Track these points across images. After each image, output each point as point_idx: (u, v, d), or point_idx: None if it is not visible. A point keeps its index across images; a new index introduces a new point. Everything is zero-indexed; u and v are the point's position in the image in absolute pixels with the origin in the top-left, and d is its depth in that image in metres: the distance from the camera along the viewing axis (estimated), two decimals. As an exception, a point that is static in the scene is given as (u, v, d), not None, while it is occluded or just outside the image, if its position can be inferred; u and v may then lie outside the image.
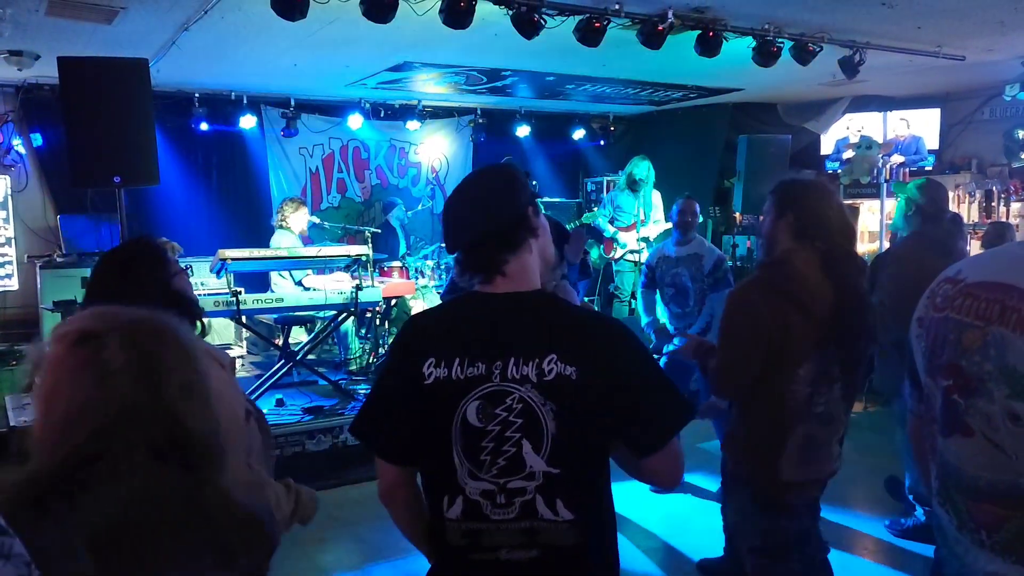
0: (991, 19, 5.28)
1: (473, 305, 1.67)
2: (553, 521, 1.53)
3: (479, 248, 1.64)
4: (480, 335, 1.59)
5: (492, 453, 1.53)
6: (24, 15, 4.77)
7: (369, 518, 4.61)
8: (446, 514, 1.58)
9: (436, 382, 1.56)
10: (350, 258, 6.01)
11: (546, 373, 1.52)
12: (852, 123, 8.69)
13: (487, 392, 1.54)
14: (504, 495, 1.53)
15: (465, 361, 1.55)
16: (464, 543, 1.57)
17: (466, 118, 9.35)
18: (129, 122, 4.62)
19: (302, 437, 5.23)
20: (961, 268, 1.55)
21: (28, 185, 7.30)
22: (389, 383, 1.71)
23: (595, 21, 4.85)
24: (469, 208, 1.67)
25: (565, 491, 1.54)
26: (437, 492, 1.59)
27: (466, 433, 1.54)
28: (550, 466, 1.52)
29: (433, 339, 1.62)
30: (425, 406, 1.57)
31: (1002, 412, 1.36)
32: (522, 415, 1.52)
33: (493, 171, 1.75)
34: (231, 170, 8.31)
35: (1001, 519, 1.41)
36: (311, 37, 5.36)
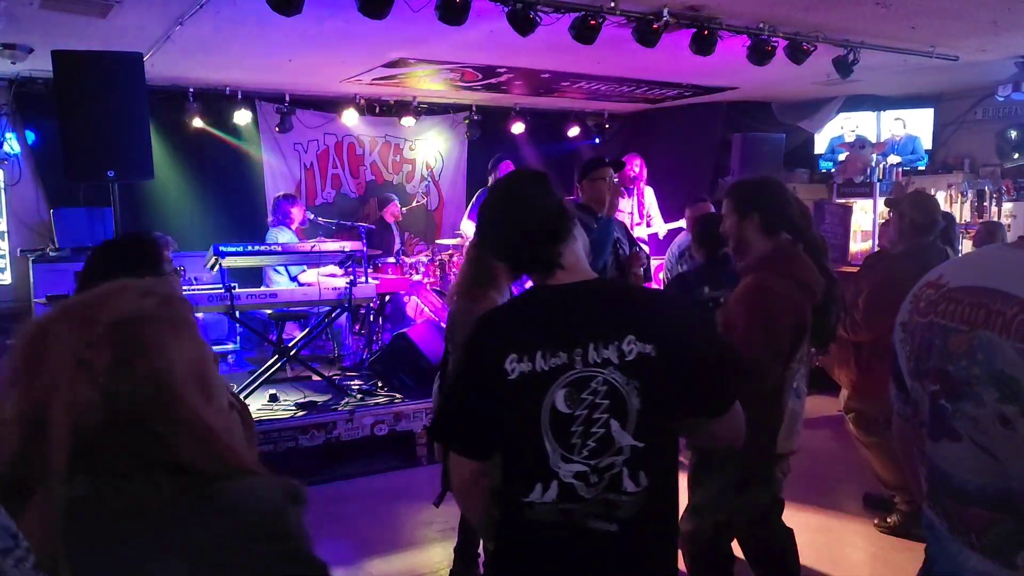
0: (984, 19, 5.30)
1: (542, 298, 1.76)
2: (632, 493, 1.63)
3: (529, 246, 1.74)
4: (556, 325, 1.67)
5: (582, 436, 1.62)
6: (18, 8, 4.75)
7: (362, 513, 4.62)
8: (540, 499, 1.64)
9: (521, 376, 1.62)
10: (344, 252, 6.02)
11: (626, 354, 1.62)
12: (846, 122, 8.72)
13: (572, 379, 1.62)
14: (596, 474, 1.62)
15: (547, 352, 1.63)
16: (560, 520, 1.65)
17: (461, 115, 9.34)
18: (123, 116, 4.62)
19: (295, 432, 5.23)
20: (943, 272, 1.56)
21: (21, 179, 7.28)
22: (468, 383, 1.76)
23: (590, 19, 4.85)
24: (512, 209, 1.78)
25: (648, 462, 1.65)
26: (527, 480, 1.65)
27: (555, 420, 1.62)
28: (636, 440, 1.63)
29: (510, 335, 1.69)
30: (511, 401, 1.64)
31: (992, 416, 1.37)
32: (608, 396, 1.62)
33: (524, 173, 1.89)
34: (225, 165, 8.28)
35: (989, 522, 1.42)
36: (306, 32, 5.35)
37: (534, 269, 1.76)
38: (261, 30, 5.33)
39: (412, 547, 4.26)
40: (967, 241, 6.52)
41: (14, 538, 0.85)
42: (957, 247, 4.84)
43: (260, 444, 4.98)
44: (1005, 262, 1.50)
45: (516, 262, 1.79)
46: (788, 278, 2.63)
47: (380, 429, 5.43)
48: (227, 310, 5.45)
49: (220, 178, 8.22)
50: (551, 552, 1.69)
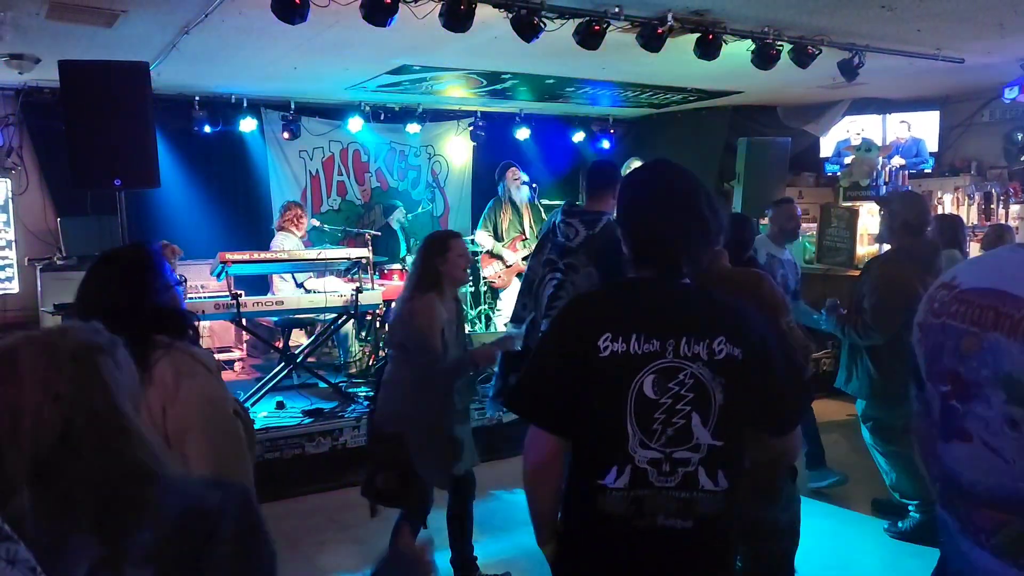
0: (990, 21, 5.29)
1: (643, 289, 1.82)
2: (712, 491, 1.67)
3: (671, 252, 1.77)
4: (654, 315, 1.72)
5: (663, 424, 1.65)
6: (25, 19, 4.77)
7: (368, 520, 4.60)
8: (613, 484, 1.67)
9: (612, 355, 1.67)
10: (350, 260, 6.02)
11: (716, 352, 1.67)
12: (852, 125, 8.70)
13: (661, 367, 1.66)
14: (669, 464, 1.65)
15: (642, 337, 1.67)
16: (629, 511, 1.67)
17: (466, 121, 9.35)
18: (129, 125, 4.63)
19: (302, 440, 5.23)
20: (956, 273, 1.55)
21: (28, 188, 7.31)
22: (555, 356, 1.78)
23: (595, 24, 4.85)
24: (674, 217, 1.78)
25: (726, 462, 1.68)
26: (603, 462, 1.67)
27: (640, 404, 1.66)
28: (715, 438, 1.66)
29: (607, 316, 1.73)
30: (599, 378, 1.68)
31: (1000, 418, 1.37)
32: (693, 390, 1.66)
33: (691, 183, 1.83)
34: (231, 173, 8.30)
35: (999, 523, 1.42)
36: (311, 40, 5.36)
37: (657, 269, 1.79)
38: (266, 39, 5.35)
39: (419, 554, 4.24)
40: (975, 244, 6.49)
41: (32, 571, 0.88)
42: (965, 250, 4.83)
43: (266, 451, 4.99)
44: (1015, 264, 1.49)
45: (643, 256, 1.81)
46: None
47: (387, 436, 5.42)
48: (233, 317, 5.46)
49: (226, 186, 8.24)
50: (621, 548, 1.70)
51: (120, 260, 2.12)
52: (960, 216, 6.51)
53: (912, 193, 4.31)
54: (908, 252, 4.06)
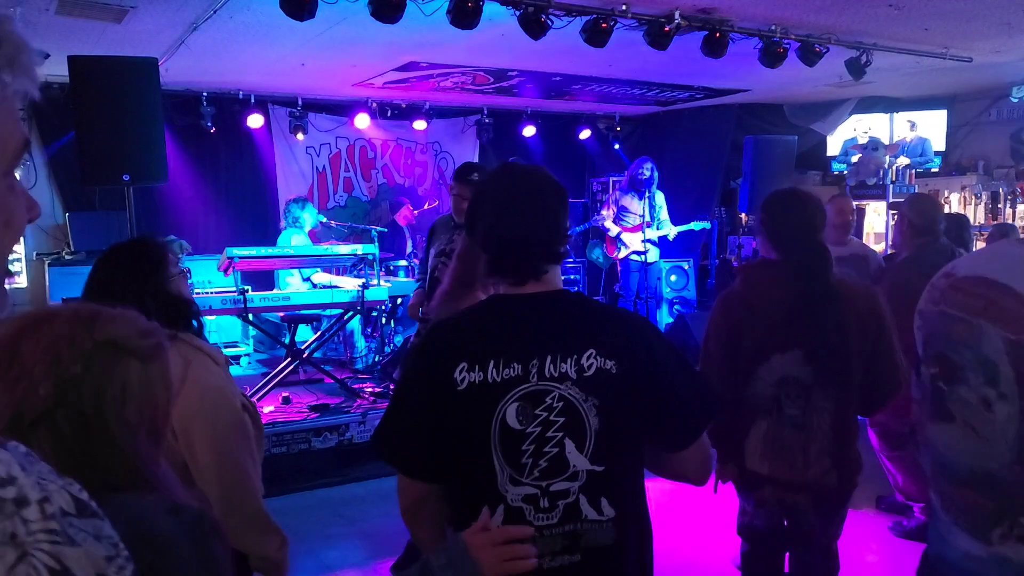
0: (998, 20, 5.28)
1: (501, 307, 1.63)
2: (597, 521, 1.51)
3: (526, 255, 1.59)
4: (513, 335, 1.55)
5: (534, 455, 1.49)
6: (34, 14, 4.80)
7: (374, 515, 4.63)
8: None
9: (470, 387, 1.50)
10: (357, 256, 6.04)
11: (586, 368, 1.51)
12: (859, 124, 8.69)
13: (525, 392, 1.50)
14: (547, 498, 1.50)
15: (500, 362, 1.51)
16: None
17: (472, 118, 9.36)
18: (138, 121, 4.65)
19: (308, 435, 5.25)
20: (957, 263, 1.62)
21: (37, 183, 7.34)
22: (414, 393, 1.60)
23: (602, 22, 4.86)
24: (525, 214, 1.60)
25: (608, 488, 1.52)
26: (473, 503, 1.51)
27: (505, 437, 1.50)
28: (593, 464, 1.51)
29: (462, 343, 1.56)
30: (458, 413, 1.52)
31: (978, 399, 1.45)
32: (563, 413, 1.50)
33: (545, 180, 1.67)
34: (238, 169, 8.33)
35: (973, 503, 1.49)
36: (319, 37, 5.38)
37: (513, 276, 1.61)
38: (274, 35, 5.37)
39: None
40: (980, 243, 6.48)
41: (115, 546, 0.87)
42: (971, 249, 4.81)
43: (273, 446, 5.01)
44: (1011, 257, 1.55)
45: (500, 264, 1.62)
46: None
47: (392, 431, 5.45)
48: (240, 313, 5.49)
49: (233, 181, 8.27)
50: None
51: (123, 253, 2.13)
52: (966, 215, 6.51)
53: (920, 195, 4.29)
54: (917, 260, 4.01)
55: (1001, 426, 1.42)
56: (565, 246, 1.64)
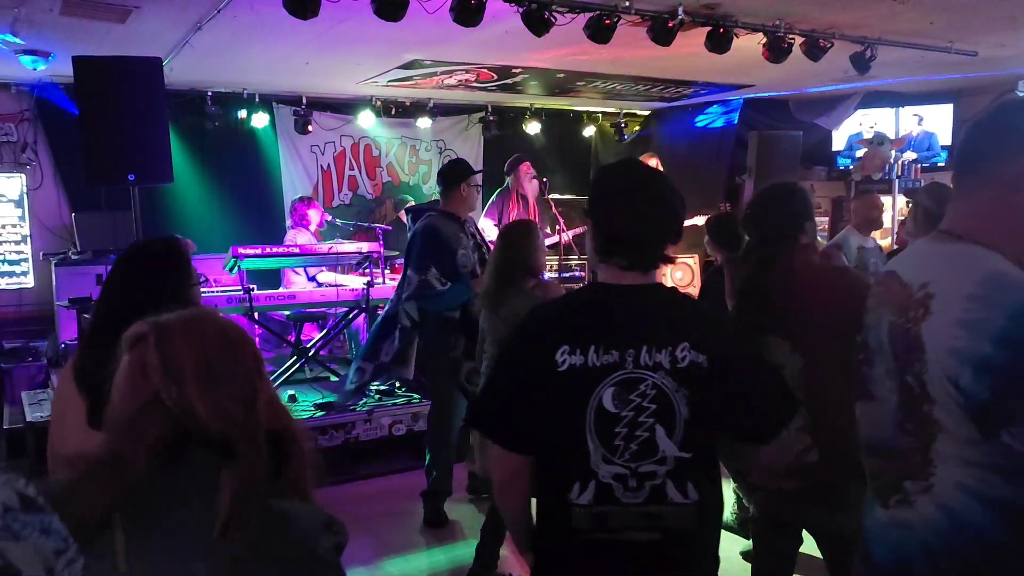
0: (1003, 14, 5.25)
1: (601, 296, 1.75)
2: (681, 504, 1.62)
3: (647, 249, 1.71)
4: (613, 324, 1.66)
5: (625, 438, 1.60)
6: (39, 14, 4.81)
7: (381, 513, 4.65)
8: (576, 500, 1.62)
9: (570, 369, 1.61)
10: (362, 254, 6.05)
11: (679, 360, 1.61)
12: (864, 119, 8.66)
13: (621, 378, 1.60)
14: (635, 479, 1.60)
15: (600, 348, 1.61)
16: (594, 526, 1.63)
17: (477, 115, 9.36)
18: (143, 120, 4.67)
19: (314, 433, 5.26)
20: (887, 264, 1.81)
21: (43, 183, 7.37)
22: (514, 372, 1.74)
23: (605, 18, 4.85)
24: (652, 212, 1.72)
25: (695, 474, 1.63)
26: (565, 478, 1.63)
27: (600, 418, 1.60)
28: (682, 450, 1.61)
29: (564, 328, 1.67)
30: (557, 392, 1.63)
31: (884, 375, 1.58)
32: (655, 401, 1.60)
33: (663, 178, 1.80)
34: (243, 168, 8.33)
35: (879, 470, 1.61)
36: (323, 35, 5.38)
37: (631, 264, 1.71)
38: (278, 34, 5.37)
39: (431, 546, 4.28)
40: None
41: (65, 540, 0.88)
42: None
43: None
44: (912, 250, 1.72)
45: (617, 250, 1.72)
46: None
47: (398, 429, 5.46)
48: (246, 311, 5.50)
49: (238, 181, 8.28)
50: (590, 563, 1.66)
51: (163, 249, 2.15)
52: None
53: (936, 183, 4.24)
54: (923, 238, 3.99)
55: (889, 399, 1.55)
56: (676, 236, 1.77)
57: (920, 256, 1.62)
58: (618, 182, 1.78)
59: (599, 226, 1.75)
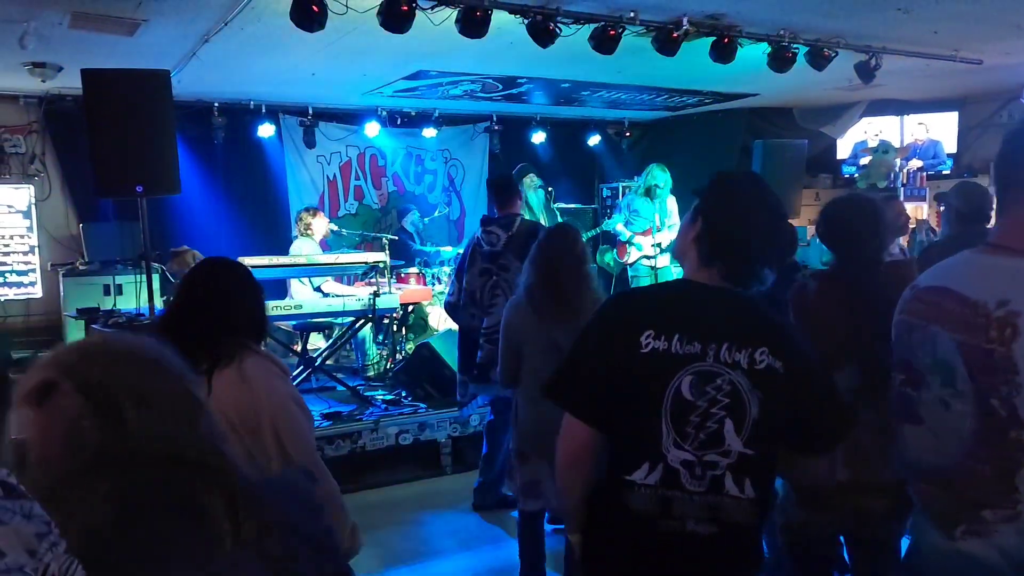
0: (1008, 23, 5.26)
1: (690, 291, 1.82)
2: (737, 498, 1.66)
3: (753, 265, 1.77)
4: (698, 317, 1.72)
5: (697, 427, 1.65)
6: (48, 28, 4.85)
7: (389, 523, 4.65)
8: (643, 479, 1.67)
9: (653, 352, 1.68)
10: (368, 264, 6.07)
11: (757, 362, 1.66)
12: (869, 127, 8.67)
13: (700, 370, 1.66)
14: (701, 467, 1.66)
15: (684, 338, 1.67)
16: (656, 510, 1.67)
17: (482, 125, 9.39)
18: (151, 132, 4.69)
19: (321, 442, 5.26)
20: (921, 276, 1.71)
21: (51, 194, 7.41)
22: (596, 348, 1.78)
23: (610, 29, 4.87)
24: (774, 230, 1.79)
25: (755, 471, 1.68)
26: (634, 457, 1.69)
27: (677, 404, 1.66)
28: (746, 447, 1.65)
29: (652, 313, 1.75)
30: (638, 372, 1.69)
31: (937, 400, 1.52)
32: (729, 396, 1.65)
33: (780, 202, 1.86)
34: (250, 178, 8.37)
35: (933, 496, 1.58)
36: (329, 47, 5.41)
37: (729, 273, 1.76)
38: (285, 46, 5.41)
39: (437, 556, 4.28)
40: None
41: (47, 524, 0.90)
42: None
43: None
44: (964, 263, 1.63)
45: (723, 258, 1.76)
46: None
47: (404, 439, 5.46)
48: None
49: (245, 191, 8.32)
50: (643, 547, 1.71)
51: (238, 269, 2.29)
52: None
53: (968, 183, 4.19)
54: (958, 239, 3.80)
55: (955, 424, 1.49)
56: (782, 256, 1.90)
57: (981, 271, 1.54)
58: (746, 194, 1.82)
59: (713, 230, 1.78)
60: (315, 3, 4.19)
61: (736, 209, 1.78)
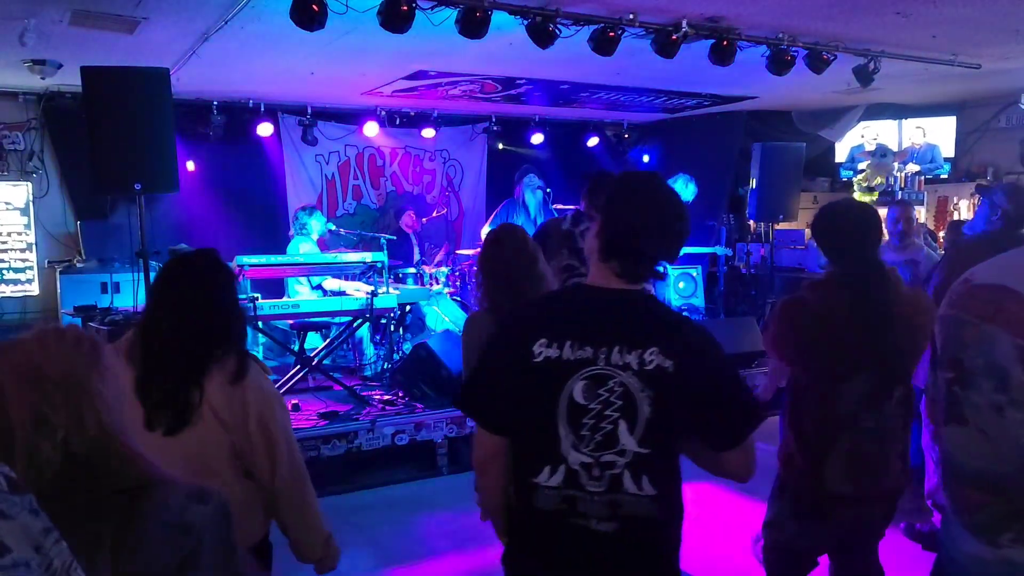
0: (1006, 27, 5.28)
1: (584, 296, 1.86)
2: (636, 495, 1.71)
3: (643, 263, 1.79)
4: (589, 322, 1.76)
5: (591, 429, 1.71)
6: (48, 25, 4.85)
7: (384, 523, 4.65)
8: (546, 482, 1.74)
9: (546, 360, 1.73)
10: (366, 264, 6.07)
11: (647, 363, 1.70)
12: (867, 131, 8.68)
13: (592, 374, 1.71)
14: (598, 468, 1.71)
15: (575, 344, 1.73)
16: (562, 508, 1.74)
17: (481, 125, 9.40)
18: (150, 130, 4.69)
19: (317, 442, 5.26)
20: (975, 270, 1.63)
21: (49, 191, 7.41)
22: (497, 359, 1.87)
23: (609, 31, 4.88)
24: (659, 228, 1.80)
25: (651, 469, 1.72)
26: (537, 462, 1.75)
27: (571, 409, 1.72)
28: (640, 447, 1.70)
29: (545, 321, 1.81)
30: (533, 381, 1.75)
31: (989, 404, 1.47)
32: (621, 398, 1.70)
33: (681, 202, 1.86)
34: (248, 177, 8.36)
35: (981, 503, 1.52)
36: (329, 46, 5.42)
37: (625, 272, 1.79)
38: (285, 45, 5.41)
39: (433, 557, 4.28)
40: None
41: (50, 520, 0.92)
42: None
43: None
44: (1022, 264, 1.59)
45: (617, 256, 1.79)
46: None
47: (401, 439, 5.46)
48: (250, 320, 5.51)
49: (243, 190, 8.31)
50: (554, 544, 1.78)
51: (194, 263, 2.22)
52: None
53: (1015, 185, 4.12)
54: (990, 237, 3.81)
55: (1015, 432, 1.44)
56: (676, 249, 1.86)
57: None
58: (638, 193, 1.84)
59: (607, 228, 1.82)
60: (315, 2, 4.19)
61: (629, 207, 1.81)
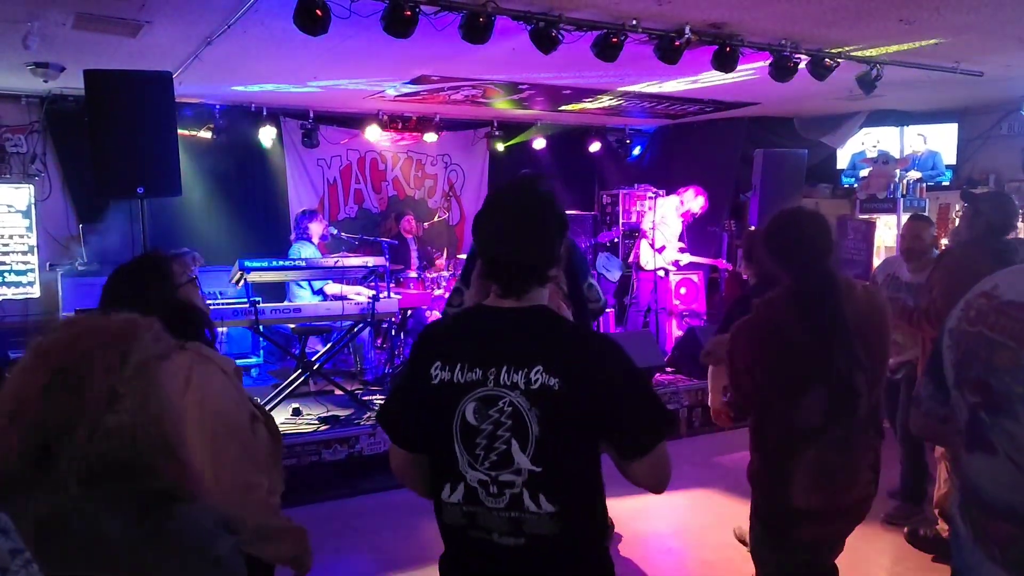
0: (1009, 35, 5.28)
1: (479, 317, 1.86)
2: (536, 513, 1.72)
3: (515, 276, 1.77)
4: (480, 344, 1.78)
5: (485, 449, 1.73)
6: (51, 28, 4.85)
7: (385, 527, 4.64)
8: (448, 498, 1.78)
9: (441, 383, 1.77)
10: (367, 268, 6.07)
11: (532, 382, 1.70)
12: (868, 137, 8.68)
13: (482, 395, 1.73)
14: (496, 486, 1.73)
15: (466, 366, 1.75)
16: (463, 522, 1.78)
17: (483, 130, 9.41)
18: (152, 133, 4.70)
19: (318, 447, 5.26)
20: (998, 283, 1.53)
21: (51, 194, 7.41)
22: (404, 382, 1.94)
23: (612, 36, 4.88)
24: (517, 235, 1.78)
25: (547, 487, 1.71)
26: (442, 478, 1.80)
27: (464, 429, 1.74)
28: (533, 464, 1.71)
29: (442, 345, 1.83)
30: (432, 404, 1.78)
31: (1015, 431, 1.37)
32: (511, 417, 1.71)
33: (543, 202, 1.82)
34: (250, 180, 8.38)
35: (1014, 538, 1.42)
36: (332, 50, 5.42)
37: (500, 289, 1.79)
38: (287, 49, 5.41)
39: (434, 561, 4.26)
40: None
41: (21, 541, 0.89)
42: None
43: (284, 458, 5.02)
44: None
45: (491, 276, 1.81)
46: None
47: (402, 443, 5.45)
48: (251, 324, 5.52)
49: (245, 194, 8.32)
50: (464, 557, 1.84)
51: (129, 268, 2.20)
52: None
53: (999, 193, 4.10)
54: (981, 243, 3.80)
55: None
56: (553, 270, 1.82)
57: None
58: (497, 208, 1.83)
59: (479, 251, 1.84)
60: (319, 7, 4.19)
61: (490, 224, 1.80)
